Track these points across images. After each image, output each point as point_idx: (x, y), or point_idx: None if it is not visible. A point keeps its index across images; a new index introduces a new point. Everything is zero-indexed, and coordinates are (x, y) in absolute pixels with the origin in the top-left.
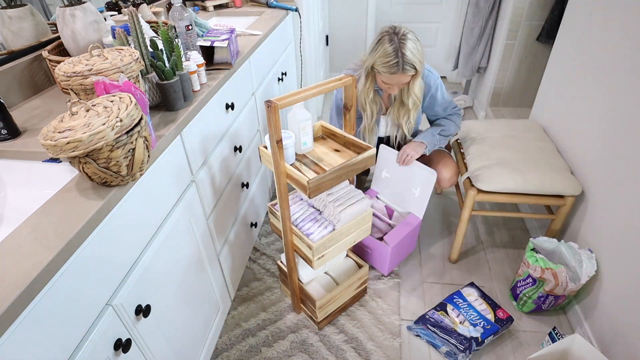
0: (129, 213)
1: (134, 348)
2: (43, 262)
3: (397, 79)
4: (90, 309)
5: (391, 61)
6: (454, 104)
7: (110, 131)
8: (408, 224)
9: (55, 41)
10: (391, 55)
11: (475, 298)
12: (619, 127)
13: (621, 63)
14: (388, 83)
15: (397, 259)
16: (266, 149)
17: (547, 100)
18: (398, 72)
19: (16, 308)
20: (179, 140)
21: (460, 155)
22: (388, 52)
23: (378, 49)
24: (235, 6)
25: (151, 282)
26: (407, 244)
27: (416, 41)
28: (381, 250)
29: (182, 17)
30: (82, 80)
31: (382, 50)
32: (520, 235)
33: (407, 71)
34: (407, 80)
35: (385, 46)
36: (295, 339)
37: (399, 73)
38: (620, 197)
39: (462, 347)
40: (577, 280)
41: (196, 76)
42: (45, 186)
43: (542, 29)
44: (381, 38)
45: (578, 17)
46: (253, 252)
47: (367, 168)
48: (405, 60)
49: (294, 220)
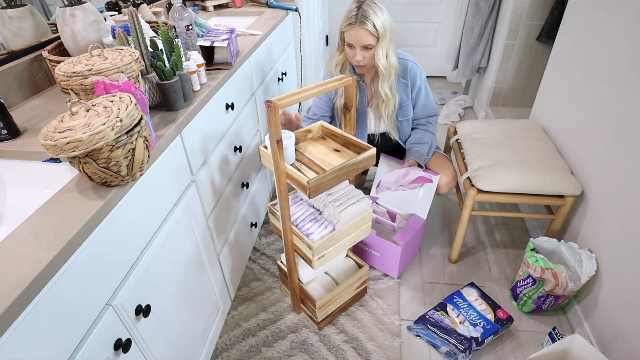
0: (129, 213)
1: (134, 348)
2: (43, 262)
3: (356, 34)
4: (90, 309)
5: (351, 15)
6: (436, 108)
7: (110, 131)
8: (414, 223)
9: (55, 41)
10: (352, 11)
11: (475, 298)
12: (619, 127)
13: (621, 63)
14: (350, 43)
15: (405, 261)
16: (266, 149)
17: (547, 100)
18: (356, 25)
19: (16, 308)
20: (179, 140)
21: (460, 155)
22: (350, 9)
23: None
24: (235, 6)
25: (151, 282)
26: (413, 246)
27: (383, 9)
28: (392, 252)
29: (182, 17)
30: (82, 80)
31: (347, 12)
32: (520, 235)
33: (364, 24)
34: (367, 40)
35: (350, 7)
36: (295, 339)
37: (356, 25)
38: (621, 197)
39: (462, 347)
40: (577, 280)
41: (196, 76)
42: (45, 186)
43: (542, 29)
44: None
45: (578, 17)
46: (253, 252)
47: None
48: (364, 14)
49: (294, 220)
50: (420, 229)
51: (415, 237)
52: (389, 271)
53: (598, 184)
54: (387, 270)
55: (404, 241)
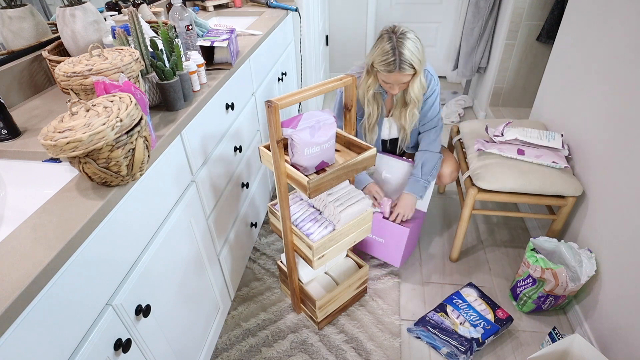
0: (129, 213)
1: (134, 348)
2: (43, 262)
3: (395, 77)
4: (90, 309)
5: (388, 59)
6: (441, 120)
7: (110, 131)
8: (416, 213)
9: (55, 41)
10: (388, 54)
11: (475, 298)
12: (619, 127)
13: (621, 63)
14: (387, 82)
15: (408, 251)
16: (266, 149)
17: (547, 100)
18: (395, 71)
19: (16, 308)
20: (179, 140)
21: (462, 154)
22: (385, 50)
23: (377, 46)
24: (235, 6)
25: (151, 282)
26: (414, 238)
27: (416, 40)
28: (398, 236)
29: (182, 17)
30: (82, 80)
31: (380, 48)
32: (521, 235)
33: (404, 70)
34: (406, 79)
35: (383, 44)
36: (295, 339)
37: (395, 72)
38: (621, 197)
39: (464, 348)
40: (577, 280)
41: (196, 76)
42: (45, 186)
43: (542, 29)
44: (381, 36)
45: (578, 17)
46: (253, 252)
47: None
48: (403, 59)
49: (294, 220)
50: (420, 221)
51: (416, 228)
52: (392, 259)
53: (598, 184)
54: (390, 258)
55: (410, 224)
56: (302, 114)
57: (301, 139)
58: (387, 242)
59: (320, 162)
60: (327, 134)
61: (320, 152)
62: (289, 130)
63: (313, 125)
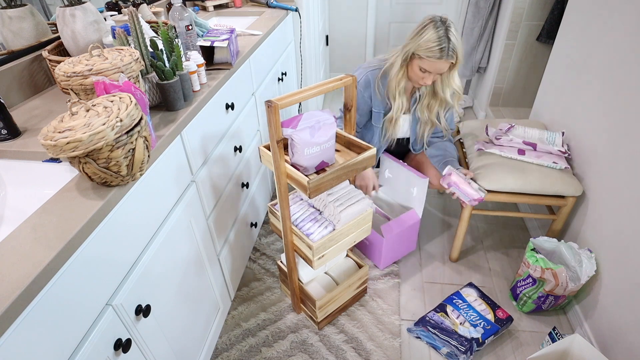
0: (129, 213)
1: (134, 348)
2: (43, 262)
3: (439, 65)
4: (90, 309)
5: (441, 45)
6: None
7: (110, 131)
8: (405, 218)
9: (55, 41)
10: (441, 40)
11: (475, 298)
12: (619, 128)
13: (621, 63)
14: (427, 70)
15: (393, 255)
16: (266, 149)
17: (547, 100)
18: (443, 58)
19: (16, 308)
20: (179, 140)
21: (462, 154)
22: (438, 37)
23: (423, 34)
24: (235, 6)
25: (151, 282)
26: (405, 241)
27: (458, 32)
28: (376, 242)
29: (182, 17)
30: (82, 80)
31: (427, 35)
32: (521, 235)
33: (450, 57)
34: (446, 68)
35: (431, 32)
36: (295, 339)
37: (443, 59)
38: (621, 197)
39: (464, 348)
40: (577, 280)
41: (196, 76)
42: (45, 186)
43: (542, 29)
44: (426, 25)
45: (578, 17)
46: (253, 252)
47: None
48: (451, 46)
49: (294, 220)
50: (415, 225)
51: (407, 232)
52: (375, 261)
53: (598, 184)
54: (374, 259)
55: (388, 233)
56: (302, 114)
57: (301, 139)
58: (370, 245)
59: (320, 162)
60: (327, 134)
61: (320, 152)
62: (289, 130)
63: (313, 125)
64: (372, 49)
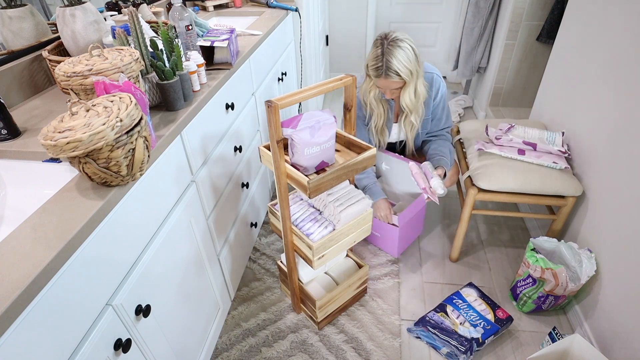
0: (129, 213)
1: (134, 348)
2: (43, 262)
3: (384, 83)
4: (90, 309)
5: (376, 64)
6: (451, 121)
7: (110, 131)
8: (417, 204)
9: (55, 41)
10: (377, 59)
11: (475, 298)
12: (619, 128)
13: (622, 63)
14: (378, 86)
15: (406, 241)
16: (266, 149)
17: (547, 100)
18: (381, 77)
19: (16, 308)
20: (179, 140)
21: (462, 154)
22: (375, 56)
23: (371, 51)
24: (235, 6)
25: (151, 282)
26: (414, 225)
27: (408, 50)
28: (391, 233)
29: (182, 17)
30: (82, 80)
31: (372, 53)
32: (521, 235)
33: (390, 77)
34: (395, 86)
35: (374, 49)
36: (295, 339)
37: (382, 78)
38: (621, 197)
39: (464, 348)
40: (577, 280)
41: (196, 76)
42: (45, 186)
43: (542, 29)
44: (375, 41)
45: (578, 17)
46: (253, 252)
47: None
48: (389, 66)
49: (294, 220)
50: (422, 209)
51: (416, 217)
52: (390, 250)
53: (598, 184)
54: (388, 249)
55: (402, 222)
56: (302, 114)
57: (301, 139)
58: (383, 236)
59: (320, 162)
60: (327, 134)
61: (320, 152)
62: (289, 130)
63: (313, 125)
64: None
